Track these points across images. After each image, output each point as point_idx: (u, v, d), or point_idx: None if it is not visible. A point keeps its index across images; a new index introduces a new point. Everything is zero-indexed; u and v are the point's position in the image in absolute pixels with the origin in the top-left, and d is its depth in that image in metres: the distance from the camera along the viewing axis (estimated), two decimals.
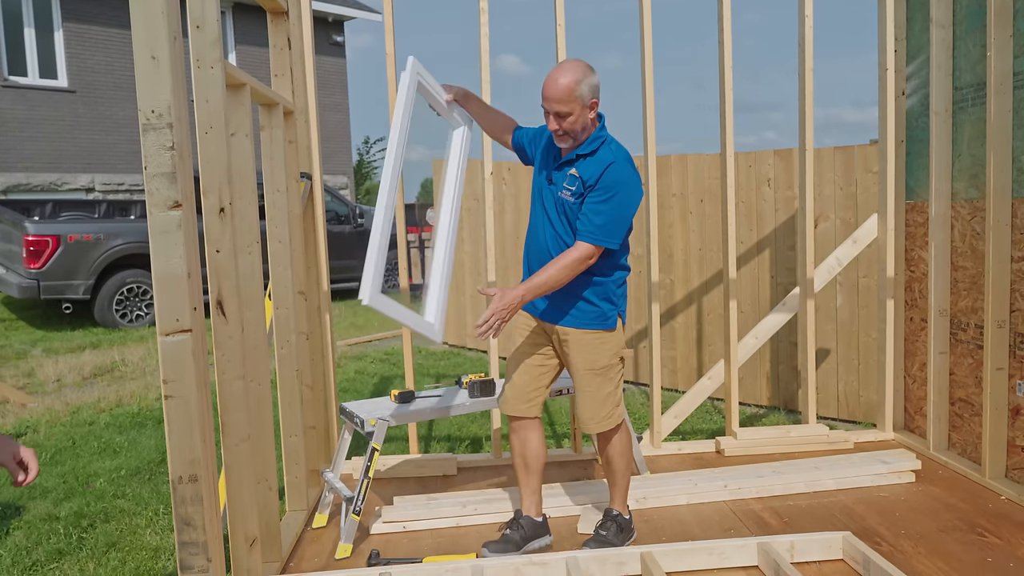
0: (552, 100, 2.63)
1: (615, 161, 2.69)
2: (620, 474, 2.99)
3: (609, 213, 2.67)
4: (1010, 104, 3.31)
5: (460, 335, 8.29)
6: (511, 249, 7.45)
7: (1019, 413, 3.37)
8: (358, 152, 30.36)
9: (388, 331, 9.31)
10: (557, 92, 2.62)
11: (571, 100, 2.62)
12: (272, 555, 2.89)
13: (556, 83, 2.62)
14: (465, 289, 8.13)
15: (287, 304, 3.28)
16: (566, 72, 2.63)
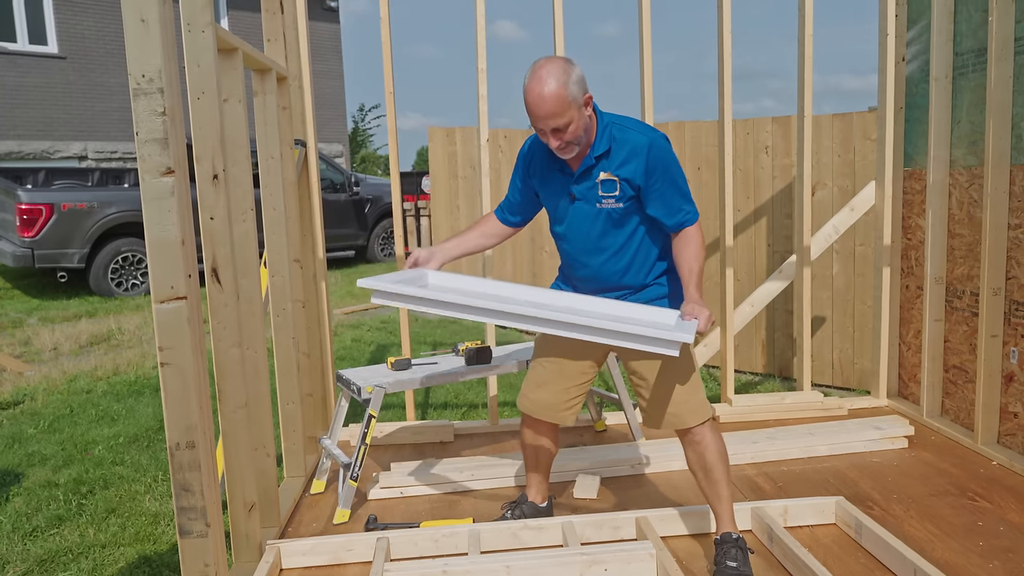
0: (544, 118, 2.26)
1: (644, 139, 2.37)
2: (723, 483, 2.51)
3: (680, 186, 2.41)
4: (1011, 70, 3.28)
5: None
6: None
7: (1012, 380, 3.39)
8: (353, 120, 30.14)
9: None
10: (547, 107, 2.23)
11: (565, 109, 2.25)
12: (271, 520, 2.91)
13: (542, 98, 2.23)
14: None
15: (283, 272, 3.27)
16: (548, 80, 2.23)
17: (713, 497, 2.54)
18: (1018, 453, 3.35)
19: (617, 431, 3.99)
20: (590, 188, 2.44)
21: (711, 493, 2.54)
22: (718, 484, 2.51)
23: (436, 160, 8.29)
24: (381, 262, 12.78)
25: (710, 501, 2.56)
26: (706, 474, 2.52)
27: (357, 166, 28.86)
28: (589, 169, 2.43)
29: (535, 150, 2.58)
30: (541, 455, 2.86)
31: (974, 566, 2.51)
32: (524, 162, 2.61)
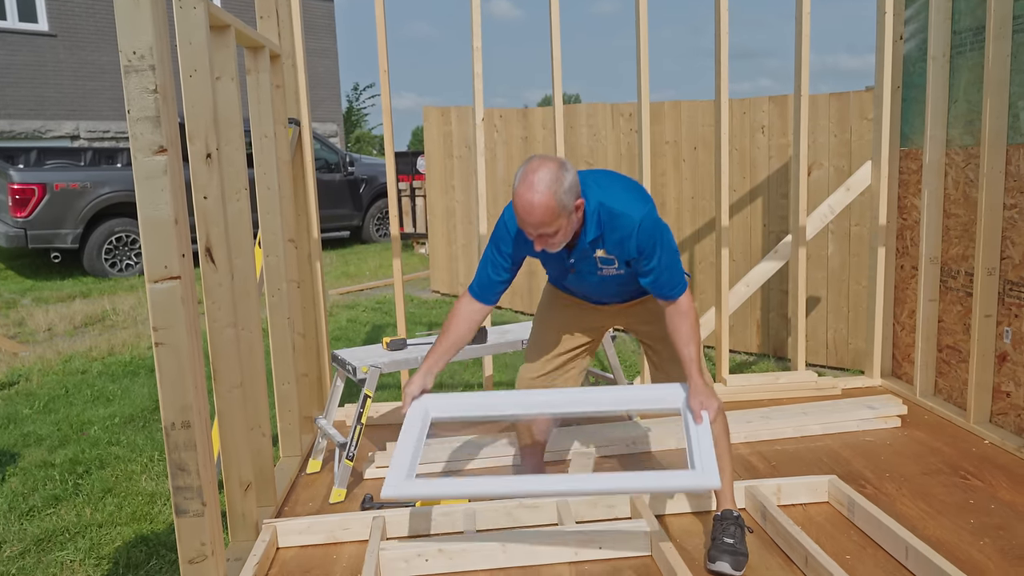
0: (533, 225, 2.21)
1: (633, 220, 2.32)
2: (725, 458, 2.53)
3: (669, 259, 2.38)
4: (1009, 49, 3.27)
5: (452, 284, 8.29)
6: (503, 197, 7.40)
7: (1005, 359, 3.41)
8: (347, 99, 29.93)
9: (380, 280, 9.30)
10: (536, 217, 2.18)
11: (555, 219, 2.20)
12: (267, 499, 2.92)
13: (532, 206, 2.17)
14: (456, 238, 8.10)
15: (277, 252, 3.25)
16: (538, 188, 2.16)
17: None
18: (1010, 432, 3.38)
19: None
20: (588, 263, 2.47)
21: None
22: (720, 459, 2.49)
23: (431, 140, 8.25)
24: (376, 242, 12.76)
25: None
26: None
27: (352, 146, 28.71)
28: (584, 252, 2.45)
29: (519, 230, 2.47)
30: (536, 447, 2.94)
31: (965, 543, 2.54)
32: (512, 239, 2.47)
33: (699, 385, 2.39)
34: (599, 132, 6.39)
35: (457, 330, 2.57)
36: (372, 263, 10.70)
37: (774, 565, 2.44)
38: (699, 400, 2.37)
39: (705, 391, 2.38)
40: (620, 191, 2.39)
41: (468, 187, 7.81)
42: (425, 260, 10.43)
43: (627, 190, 2.41)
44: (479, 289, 2.56)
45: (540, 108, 7.08)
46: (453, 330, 2.58)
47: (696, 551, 2.53)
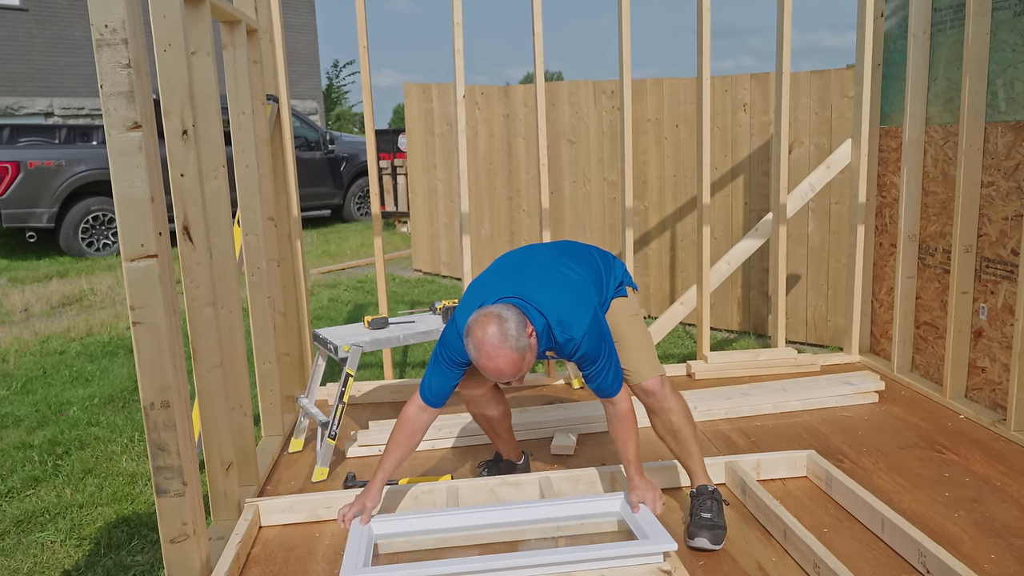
0: (507, 378, 2.26)
1: (578, 334, 2.32)
2: (692, 440, 2.57)
3: (608, 362, 2.38)
4: (988, 26, 3.28)
5: (434, 263, 8.26)
6: (484, 175, 7.37)
7: (981, 335, 3.45)
8: (327, 76, 29.59)
9: (361, 259, 9.26)
10: (508, 374, 2.23)
11: (521, 363, 2.24)
12: (249, 478, 2.92)
13: (501, 372, 2.21)
14: (438, 216, 8.06)
15: (256, 230, 3.22)
16: (497, 353, 2.18)
17: (684, 456, 2.58)
18: (985, 407, 3.43)
19: None
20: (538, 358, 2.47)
21: (681, 453, 2.59)
22: (687, 443, 2.56)
23: (412, 117, 8.17)
24: (358, 221, 12.68)
25: (681, 460, 2.61)
26: (674, 436, 2.56)
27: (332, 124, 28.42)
28: None
29: None
30: (493, 423, 2.88)
31: (940, 516, 2.58)
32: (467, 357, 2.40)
33: (638, 482, 2.48)
34: (581, 110, 6.36)
35: (410, 442, 2.51)
36: (353, 242, 10.64)
37: (753, 539, 2.47)
38: (638, 495, 2.47)
39: (645, 487, 2.48)
40: (561, 298, 2.36)
41: (450, 165, 7.76)
42: (407, 239, 10.38)
43: (567, 294, 2.37)
44: (432, 397, 2.48)
45: (522, 85, 7.03)
46: (405, 443, 2.50)
47: (676, 526, 2.56)
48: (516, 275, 2.45)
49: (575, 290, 2.41)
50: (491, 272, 2.53)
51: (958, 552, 2.33)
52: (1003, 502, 2.66)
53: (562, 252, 2.57)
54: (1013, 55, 3.18)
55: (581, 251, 2.62)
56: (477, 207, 7.51)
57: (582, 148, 6.40)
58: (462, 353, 2.40)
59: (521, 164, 7.00)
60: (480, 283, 2.49)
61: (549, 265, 2.49)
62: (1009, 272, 3.27)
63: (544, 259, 2.53)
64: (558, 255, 2.55)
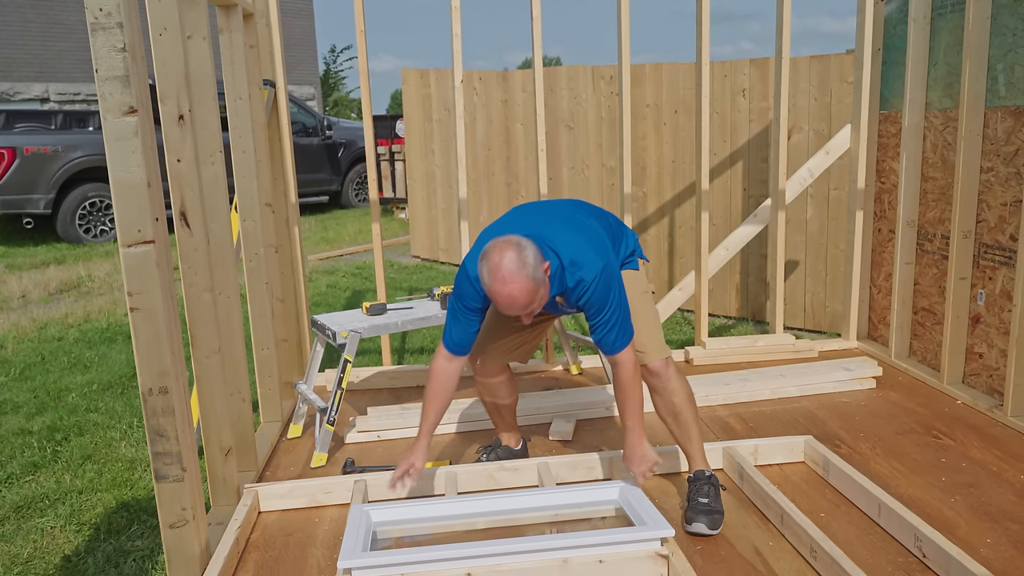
0: (519, 310, 2.25)
1: (589, 277, 2.32)
2: (692, 424, 2.57)
3: (620, 314, 2.36)
4: (989, 11, 3.26)
5: (433, 249, 8.25)
6: (482, 161, 7.35)
7: (979, 321, 3.46)
8: (324, 61, 29.43)
9: (359, 245, 9.25)
10: (520, 304, 2.21)
11: (535, 296, 2.23)
12: (248, 464, 2.93)
13: (513, 300, 2.19)
14: (436, 202, 8.04)
15: (254, 216, 3.21)
16: (512, 278, 2.17)
17: (684, 439, 2.58)
18: (982, 392, 3.44)
19: (592, 374, 4.03)
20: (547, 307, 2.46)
21: (681, 435, 2.58)
22: (687, 426, 2.56)
23: (410, 103, 8.14)
24: (355, 207, 12.64)
25: (681, 443, 2.61)
26: (675, 418, 2.56)
27: (329, 110, 28.29)
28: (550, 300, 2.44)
29: None
30: (502, 410, 2.91)
31: (936, 500, 2.59)
32: (480, 297, 2.42)
33: (637, 443, 2.44)
34: (580, 95, 6.33)
35: (445, 394, 2.55)
36: (351, 228, 10.61)
37: (750, 524, 2.48)
38: (636, 459, 2.43)
39: (641, 450, 2.43)
40: (576, 240, 2.37)
41: (448, 151, 7.74)
42: (405, 225, 10.36)
43: (583, 238, 2.38)
44: (456, 346, 2.51)
45: (520, 71, 7.00)
46: (441, 394, 2.54)
47: (674, 511, 2.57)
48: (532, 217, 2.47)
49: (591, 237, 2.41)
50: (506, 217, 2.53)
51: (954, 537, 2.34)
52: (999, 487, 2.67)
53: (579, 206, 2.59)
54: (1014, 40, 3.16)
55: (597, 209, 2.64)
56: (475, 193, 7.49)
57: (580, 134, 6.37)
58: (474, 298, 2.42)
59: (519, 150, 6.97)
60: (494, 227, 2.48)
61: (567, 212, 2.51)
62: (1007, 258, 3.27)
63: (561, 208, 2.55)
64: (576, 207, 2.57)
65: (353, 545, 2.19)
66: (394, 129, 11.66)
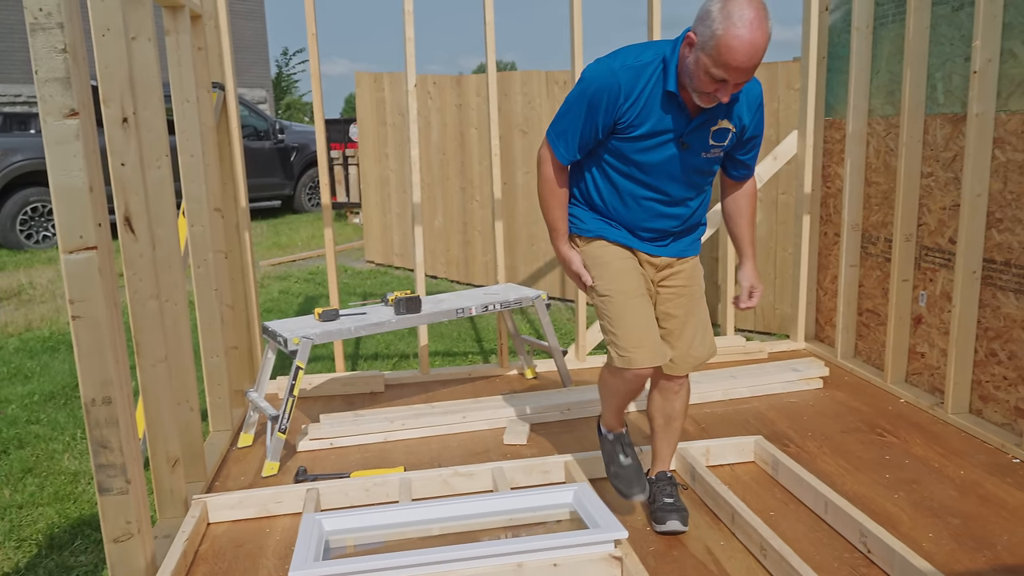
0: (747, 71, 1.93)
1: (758, 87, 2.21)
2: (679, 432, 2.58)
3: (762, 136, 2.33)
4: (928, 21, 3.37)
5: (387, 254, 8.19)
6: (437, 165, 7.33)
7: (920, 322, 3.56)
8: (277, 64, 29.04)
9: (312, 250, 9.13)
10: (756, 60, 1.91)
11: (760, 59, 1.95)
12: (196, 475, 2.86)
13: (756, 49, 1.89)
14: (391, 207, 7.99)
15: (202, 222, 3.15)
16: (763, 28, 1.89)
17: (665, 443, 2.56)
18: (924, 391, 3.55)
19: (547, 378, 4.04)
20: (703, 136, 2.18)
21: (665, 439, 2.56)
22: (676, 432, 2.55)
23: (364, 107, 8.08)
24: (308, 212, 12.49)
25: (659, 445, 2.58)
26: (669, 422, 2.52)
27: (282, 113, 27.93)
28: (712, 116, 2.15)
29: (639, 87, 2.12)
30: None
31: (880, 497, 2.66)
32: (613, 101, 2.11)
33: (753, 267, 2.44)
34: (534, 100, 6.36)
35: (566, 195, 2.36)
36: (304, 233, 10.48)
37: (702, 524, 2.51)
38: (752, 282, 2.41)
39: (757, 273, 2.43)
40: None
41: (402, 155, 7.70)
42: (359, 230, 10.27)
43: None
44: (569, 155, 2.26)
45: (474, 75, 7.00)
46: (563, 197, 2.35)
47: (625, 510, 2.59)
48: None
49: None
50: None
51: (897, 532, 2.41)
52: (940, 483, 2.75)
53: None
54: (951, 49, 3.27)
55: None
56: (430, 198, 7.47)
57: (535, 138, 6.40)
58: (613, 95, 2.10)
59: (474, 154, 6.97)
60: None
61: None
62: (947, 260, 3.38)
63: None
64: None
65: (305, 555, 2.16)
66: (348, 133, 11.55)
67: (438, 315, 3.47)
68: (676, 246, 2.40)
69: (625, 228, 2.34)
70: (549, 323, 3.80)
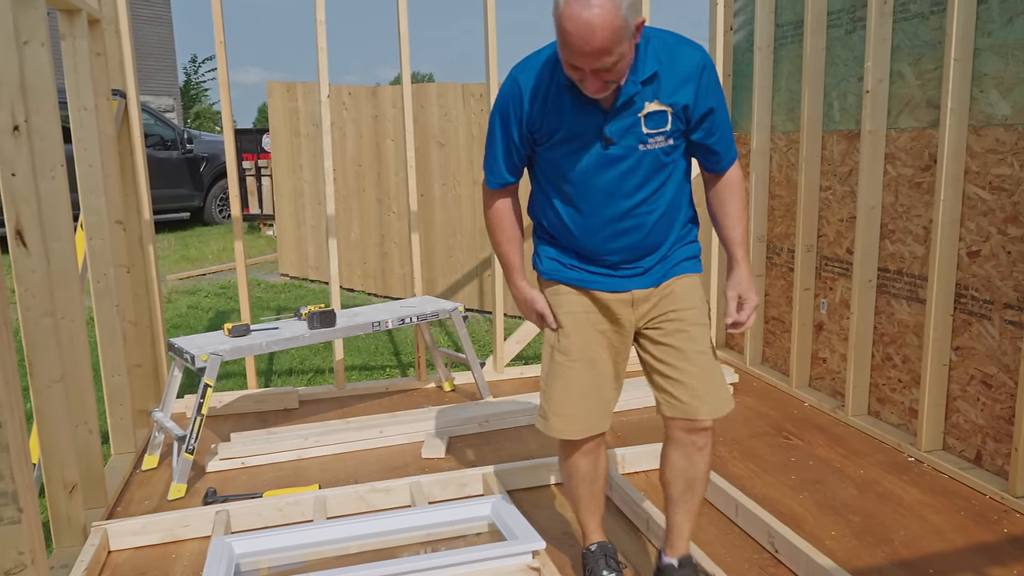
0: (590, 55, 1.65)
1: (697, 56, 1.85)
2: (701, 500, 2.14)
3: (726, 115, 1.96)
4: (824, 42, 3.54)
5: (302, 267, 8.03)
6: (353, 176, 7.23)
7: (822, 329, 3.73)
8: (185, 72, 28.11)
9: (223, 263, 8.86)
10: (596, 41, 1.62)
11: (618, 43, 1.64)
12: (96, 501, 2.72)
13: (591, 29, 1.61)
14: (305, 219, 7.84)
15: (102, 235, 3.01)
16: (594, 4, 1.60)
17: (684, 514, 2.11)
18: (826, 395, 3.70)
19: (466, 390, 4.03)
20: (631, 126, 1.85)
21: (686, 509, 2.10)
22: (697, 500, 2.11)
23: (276, 117, 7.91)
24: (219, 224, 12.12)
25: (676, 517, 2.12)
26: (691, 488, 2.08)
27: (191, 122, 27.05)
28: (630, 100, 1.82)
29: (538, 85, 1.88)
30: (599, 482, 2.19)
31: (787, 498, 2.76)
32: (518, 106, 1.90)
33: (746, 274, 2.06)
34: (450, 112, 6.36)
35: (516, 230, 2.12)
36: (215, 246, 10.16)
37: (619, 531, 2.55)
38: (740, 290, 2.05)
39: (749, 280, 2.05)
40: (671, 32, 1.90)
41: (317, 166, 7.57)
42: (273, 242, 10.03)
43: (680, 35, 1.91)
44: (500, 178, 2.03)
45: (390, 86, 6.96)
46: (514, 233, 2.11)
47: (545, 523, 2.60)
48: None
49: None
50: None
51: (802, 531, 2.50)
52: (842, 482, 2.87)
53: None
54: (845, 69, 3.45)
55: None
56: (346, 209, 7.36)
57: (452, 150, 6.40)
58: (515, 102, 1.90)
59: (390, 166, 6.92)
60: None
61: None
62: (845, 270, 3.55)
63: None
64: None
65: None
66: (260, 143, 11.28)
67: (353, 329, 3.42)
68: (659, 269, 2.03)
69: (585, 260, 2.03)
70: (467, 335, 3.80)
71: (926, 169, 3.05)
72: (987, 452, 2.84)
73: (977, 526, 2.52)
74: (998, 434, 2.79)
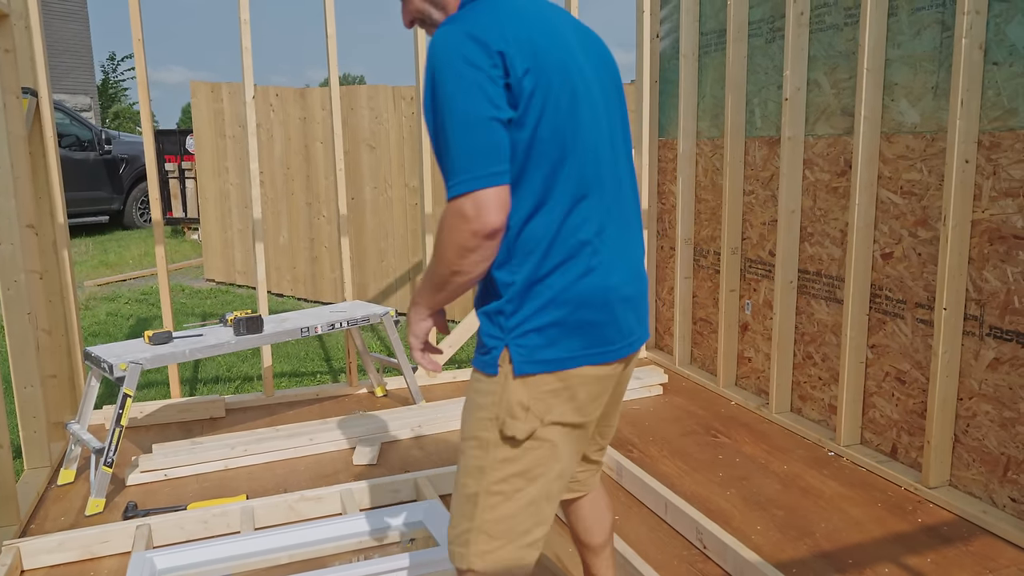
0: None
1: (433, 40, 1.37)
2: None
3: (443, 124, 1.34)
4: (745, 51, 3.65)
5: (229, 272, 7.82)
6: (281, 180, 7.09)
7: (747, 329, 3.83)
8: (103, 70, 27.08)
9: (144, 269, 8.56)
10: None
11: None
12: (7, 518, 2.59)
13: None
14: (232, 223, 7.64)
15: (12, 239, 2.87)
16: None
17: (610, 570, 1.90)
18: (751, 393, 3.81)
19: (398, 395, 3.99)
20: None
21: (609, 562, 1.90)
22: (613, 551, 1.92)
23: (200, 118, 7.70)
24: (140, 228, 11.72)
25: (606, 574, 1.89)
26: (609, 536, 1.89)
27: (110, 122, 26.07)
28: None
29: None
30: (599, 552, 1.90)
31: (715, 495, 2.83)
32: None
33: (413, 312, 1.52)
34: (381, 115, 6.30)
35: None
36: (135, 251, 9.81)
37: (552, 532, 2.56)
38: None
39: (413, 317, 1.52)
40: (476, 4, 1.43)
41: (243, 169, 7.39)
42: (198, 247, 9.75)
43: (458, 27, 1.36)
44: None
45: (319, 88, 6.85)
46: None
47: None
48: None
49: None
50: None
51: (729, 526, 2.56)
52: (767, 478, 2.96)
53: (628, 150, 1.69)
54: (766, 77, 3.56)
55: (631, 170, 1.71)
56: (274, 213, 7.21)
57: (383, 153, 6.34)
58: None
59: (320, 169, 6.81)
60: None
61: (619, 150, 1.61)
62: (768, 271, 3.66)
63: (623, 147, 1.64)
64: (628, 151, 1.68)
65: None
66: (184, 145, 10.95)
67: (281, 335, 3.35)
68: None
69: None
70: (398, 340, 3.77)
71: (842, 174, 3.17)
72: (902, 445, 2.97)
73: (893, 517, 2.63)
74: (912, 428, 2.92)
